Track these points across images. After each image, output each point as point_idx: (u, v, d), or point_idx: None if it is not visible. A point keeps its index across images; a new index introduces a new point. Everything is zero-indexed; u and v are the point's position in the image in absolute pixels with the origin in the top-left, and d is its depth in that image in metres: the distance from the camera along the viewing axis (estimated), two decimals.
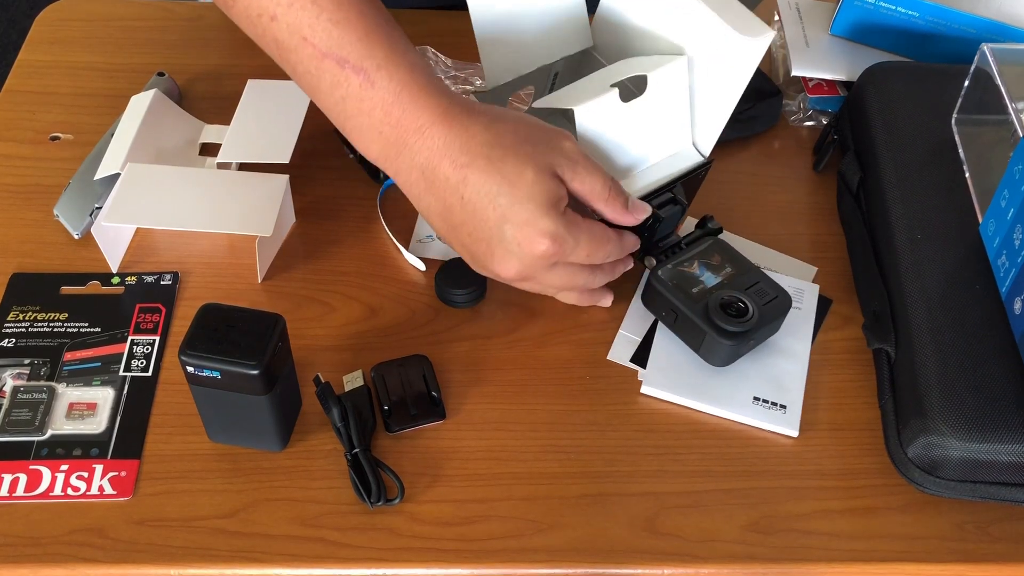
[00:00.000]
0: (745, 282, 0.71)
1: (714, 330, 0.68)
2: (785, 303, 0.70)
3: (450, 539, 0.63)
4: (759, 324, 0.68)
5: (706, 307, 0.69)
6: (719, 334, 0.68)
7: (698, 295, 0.70)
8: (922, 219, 0.72)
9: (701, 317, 0.68)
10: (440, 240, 0.71)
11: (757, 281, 0.71)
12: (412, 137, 0.62)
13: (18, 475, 0.64)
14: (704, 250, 0.73)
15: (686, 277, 0.71)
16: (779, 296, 0.70)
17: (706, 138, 0.73)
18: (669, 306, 0.70)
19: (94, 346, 0.70)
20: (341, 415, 0.65)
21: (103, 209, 0.73)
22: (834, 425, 0.69)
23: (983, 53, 0.75)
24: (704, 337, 0.69)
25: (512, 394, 0.70)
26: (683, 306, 0.69)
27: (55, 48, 0.91)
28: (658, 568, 0.63)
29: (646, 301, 0.73)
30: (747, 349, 0.71)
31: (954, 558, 0.64)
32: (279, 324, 0.61)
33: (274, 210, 0.73)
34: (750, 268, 0.72)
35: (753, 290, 0.70)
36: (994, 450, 0.62)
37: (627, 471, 0.66)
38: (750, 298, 0.69)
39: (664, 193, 0.72)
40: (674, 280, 0.70)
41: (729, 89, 0.70)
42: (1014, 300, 0.65)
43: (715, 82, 0.70)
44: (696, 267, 0.71)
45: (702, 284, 0.70)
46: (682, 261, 0.72)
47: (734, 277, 0.71)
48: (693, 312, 0.69)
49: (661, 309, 0.72)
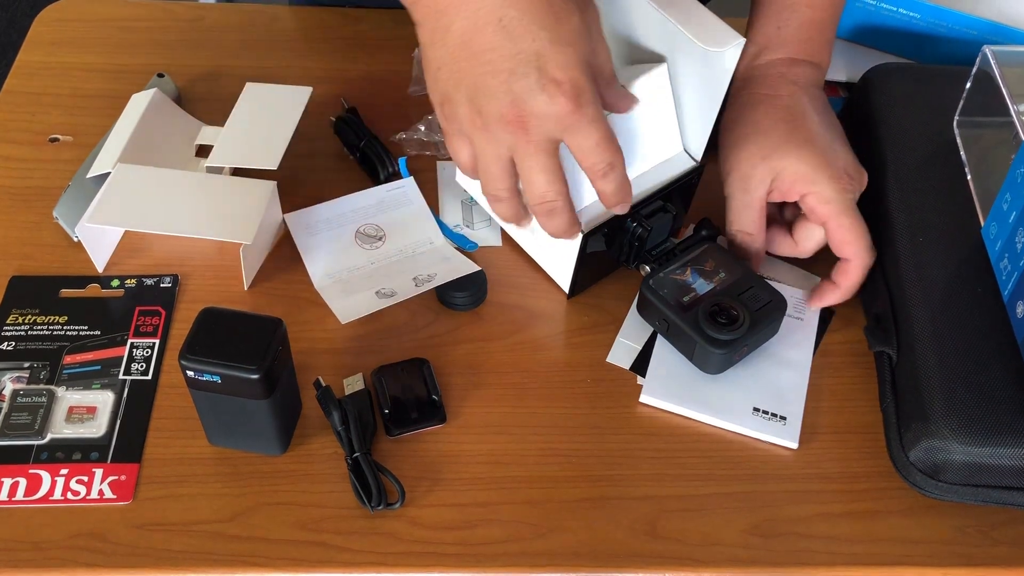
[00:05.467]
0: (738, 288, 0.70)
1: (704, 339, 0.68)
2: (780, 307, 0.70)
3: (451, 543, 0.62)
4: (751, 330, 0.68)
5: (696, 316, 0.68)
6: (709, 343, 0.68)
7: (689, 303, 0.69)
8: (924, 222, 0.72)
9: (691, 326, 0.68)
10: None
11: (751, 286, 0.70)
12: None
13: (18, 479, 0.63)
14: (697, 256, 0.72)
15: (678, 285, 0.70)
16: (773, 300, 0.70)
17: (696, 143, 0.73)
18: (660, 315, 0.70)
19: (94, 349, 0.70)
20: (341, 419, 0.65)
21: (88, 209, 0.73)
22: (835, 428, 0.69)
23: (985, 55, 0.74)
24: (695, 346, 0.68)
25: (512, 397, 0.70)
26: (674, 315, 0.69)
27: (55, 49, 0.91)
28: (659, 572, 0.62)
29: (640, 310, 0.73)
30: (742, 355, 0.70)
31: (956, 562, 0.64)
32: (279, 328, 0.61)
33: (257, 217, 0.73)
34: (744, 272, 0.71)
35: (746, 295, 0.70)
36: (996, 454, 0.62)
37: (628, 475, 0.66)
38: (742, 304, 0.69)
39: (654, 202, 0.72)
40: (665, 289, 0.70)
41: (708, 97, 0.70)
42: (1016, 303, 0.65)
43: (694, 91, 0.70)
44: (689, 274, 0.71)
45: (694, 292, 0.70)
46: (675, 269, 0.71)
47: (727, 283, 0.71)
48: (683, 321, 0.68)
49: (654, 318, 0.71)
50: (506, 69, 0.58)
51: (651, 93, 0.70)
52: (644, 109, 0.70)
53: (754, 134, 0.73)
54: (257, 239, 0.73)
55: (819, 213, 0.71)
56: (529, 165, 0.61)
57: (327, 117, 0.85)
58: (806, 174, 0.71)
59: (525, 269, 0.77)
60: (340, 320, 0.71)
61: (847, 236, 0.71)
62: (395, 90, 0.89)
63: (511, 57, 0.58)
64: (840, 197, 0.71)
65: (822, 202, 0.71)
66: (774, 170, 0.71)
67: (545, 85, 0.58)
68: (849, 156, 0.73)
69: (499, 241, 0.78)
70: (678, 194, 0.74)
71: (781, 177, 0.71)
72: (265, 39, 0.94)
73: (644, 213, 0.71)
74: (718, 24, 0.67)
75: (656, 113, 0.72)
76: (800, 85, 0.75)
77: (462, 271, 0.74)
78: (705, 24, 0.67)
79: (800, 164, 0.71)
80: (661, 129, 0.73)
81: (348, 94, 0.88)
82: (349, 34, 0.94)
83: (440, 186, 0.82)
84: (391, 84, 0.89)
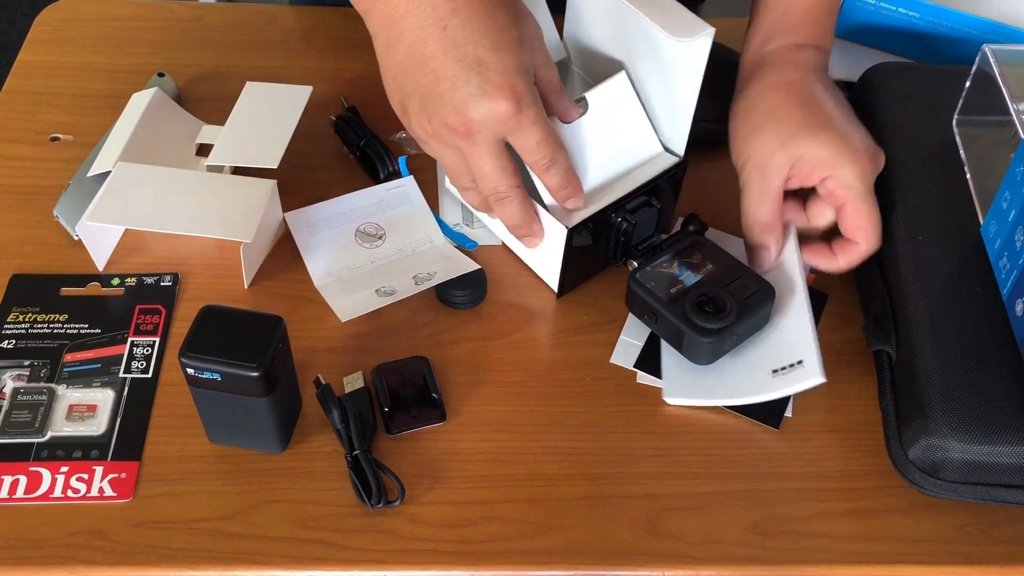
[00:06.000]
0: (726, 278, 0.70)
1: (692, 329, 0.68)
2: (768, 294, 0.70)
3: (451, 541, 0.63)
4: (740, 319, 0.68)
5: (683, 307, 0.68)
6: (697, 332, 0.68)
7: (676, 295, 0.69)
8: (923, 220, 0.72)
9: (679, 317, 0.68)
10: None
11: (738, 276, 0.70)
12: None
13: (18, 477, 0.64)
14: (684, 249, 0.72)
15: (665, 278, 0.70)
16: (761, 289, 0.70)
17: (676, 138, 0.74)
18: (648, 308, 0.70)
19: (94, 347, 0.70)
20: (341, 417, 0.65)
21: (88, 208, 0.73)
22: (835, 427, 0.69)
23: (984, 54, 0.74)
24: (684, 337, 0.68)
25: (512, 395, 0.70)
26: (661, 307, 0.69)
27: (55, 48, 0.91)
28: (659, 570, 0.62)
29: (629, 305, 0.73)
30: (732, 345, 0.70)
31: (955, 560, 0.64)
32: (279, 326, 0.61)
33: (258, 216, 0.73)
34: (731, 263, 0.71)
35: (734, 285, 0.70)
36: (995, 452, 0.62)
37: (628, 473, 0.66)
38: (730, 294, 0.69)
39: (638, 197, 0.72)
40: (652, 282, 0.70)
41: (684, 90, 0.70)
42: (1015, 301, 0.65)
43: (668, 86, 0.71)
44: (676, 267, 0.71)
45: (681, 284, 0.70)
46: (662, 262, 0.71)
47: (714, 274, 0.70)
48: (671, 312, 0.68)
49: (642, 312, 0.71)
50: (449, 76, 0.61)
51: (610, 101, 0.71)
52: (605, 117, 0.71)
53: (770, 121, 0.72)
54: (257, 238, 0.73)
55: (837, 196, 0.71)
56: (479, 164, 0.65)
57: (327, 116, 0.85)
58: (828, 158, 0.70)
59: (525, 268, 0.77)
60: (340, 318, 0.71)
61: (862, 222, 0.71)
62: None
63: (454, 63, 0.61)
64: (860, 181, 0.70)
65: (842, 186, 0.70)
66: (793, 156, 0.70)
67: (487, 91, 0.61)
68: (867, 137, 0.72)
69: (499, 240, 0.78)
70: (663, 190, 0.74)
71: (801, 163, 0.70)
72: (265, 38, 0.94)
73: (628, 208, 0.72)
74: (687, 16, 0.67)
75: (622, 119, 0.72)
76: (810, 70, 0.75)
77: (462, 270, 0.74)
78: (674, 16, 0.67)
79: (821, 148, 0.70)
80: (632, 133, 0.73)
81: (348, 93, 0.88)
82: (349, 33, 0.94)
83: (440, 185, 0.82)
84: None
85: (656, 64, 0.70)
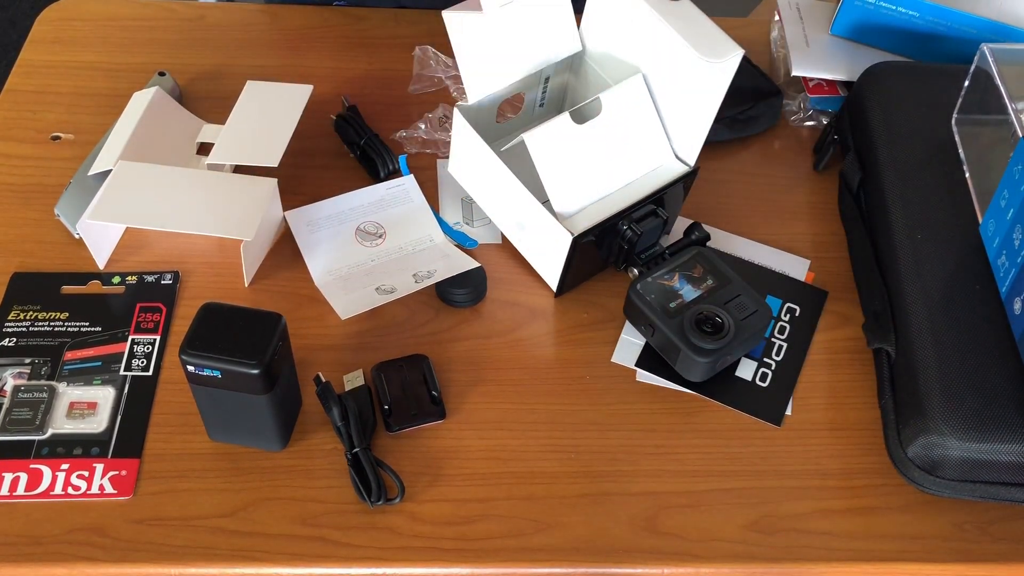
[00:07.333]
0: (725, 296, 0.70)
1: (689, 347, 0.68)
2: (764, 318, 0.70)
3: (450, 538, 0.63)
4: (735, 340, 0.68)
5: (681, 323, 0.68)
6: (694, 352, 0.68)
7: (675, 310, 0.69)
8: (922, 219, 0.72)
9: (676, 333, 0.68)
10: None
11: (738, 294, 0.70)
12: None
13: (19, 474, 0.64)
14: (686, 262, 0.72)
15: (665, 291, 0.70)
16: (759, 311, 0.70)
17: (689, 149, 0.74)
18: (646, 320, 0.70)
19: (95, 345, 0.70)
20: (341, 414, 0.65)
21: (89, 206, 0.73)
22: (834, 425, 0.70)
23: (983, 53, 0.75)
24: (680, 353, 0.68)
25: (512, 393, 0.70)
26: (659, 322, 0.69)
27: (56, 48, 0.91)
28: (658, 568, 0.63)
29: (627, 314, 0.73)
30: (724, 364, 0.70)
31: (954, 558, 0.64)
32: (280, 323, 0.61)
33: (258, 214, 0.73)
34: (731, 280, 0.71)
35: (732, 304, 0.70)
36: (994, 450, 0.62)
37: (627, 470, 0.66)
38: (728, 312, 0.69)
39: (645, 206, 0.72)
40: (652, 294, 0.70)
41: (704, 105, 0.70)
42: (1014, 300, 0.65)
43: (688, 98, 0.71)
44: (676, 280, 0.71)
45: (680, 298, 0.70)
46: (663, 274, 0.71)
47: (714, 290, 0.70)
48: (668, 328, 0.68)
49: (640, 323, 0.71)
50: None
51: (625, 103, 0.71)
52: (618, 119, 0.71)
53: None
54: (258, 236, 0.73)
55: None
56: None
57: (328, 115, 0.85)
58: None
59: (524, 266, 0.77)
60: (340, 316, 0.71)
61: None
62: (396, 88, 0.89)
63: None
64: None
65: None
66: None
67: None
68: None
69: (499, 239, 0.79)
70: (671, 198, 0.74)
71: None
72: (266, 37, 0.94)
73: (635, 217, 0.71)
74: (714, 31, 0.67)
75: (634, 123, 0.72)
76: None
77: (462, 268, 0.74)
78: (705, 34, 0.67)
79: None
80: (644, 138, 0.73)
81: (349, 92, 0.88)
82: (350, 32, 0.94)
83: (440, 184, 0.82)
84: (392, 82, 0.89)
85: (677, 76, 0.70)
